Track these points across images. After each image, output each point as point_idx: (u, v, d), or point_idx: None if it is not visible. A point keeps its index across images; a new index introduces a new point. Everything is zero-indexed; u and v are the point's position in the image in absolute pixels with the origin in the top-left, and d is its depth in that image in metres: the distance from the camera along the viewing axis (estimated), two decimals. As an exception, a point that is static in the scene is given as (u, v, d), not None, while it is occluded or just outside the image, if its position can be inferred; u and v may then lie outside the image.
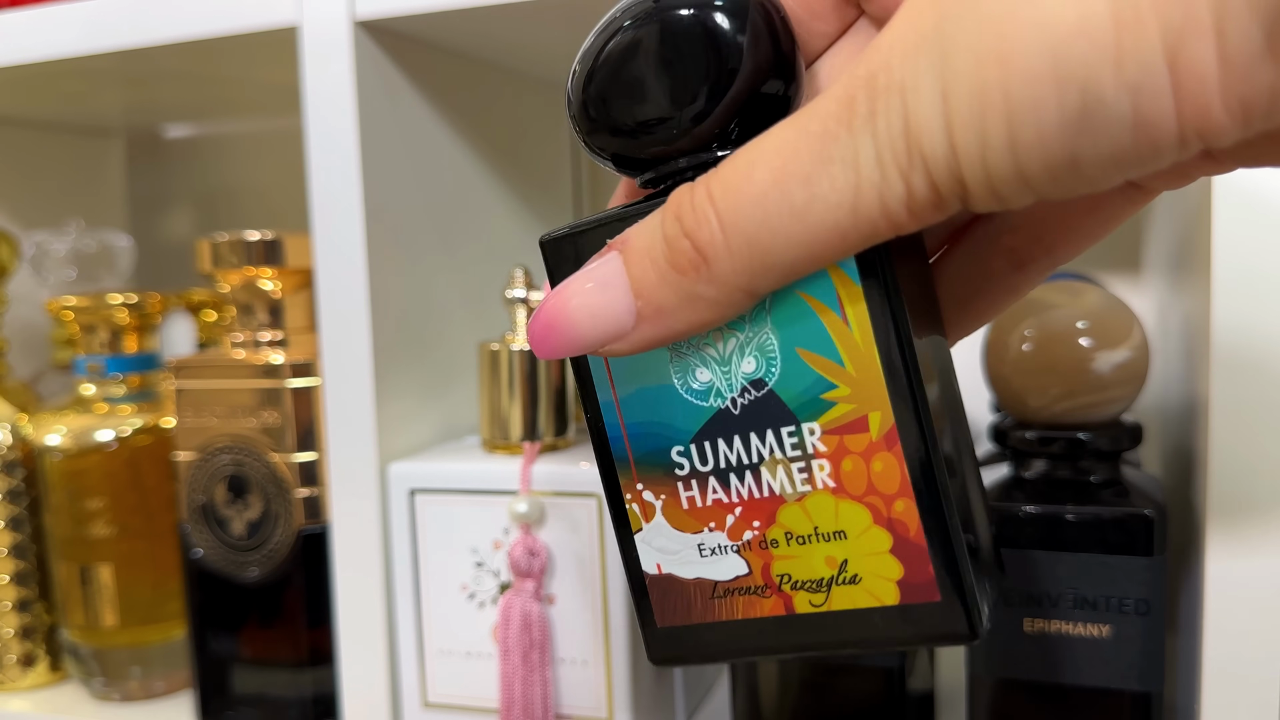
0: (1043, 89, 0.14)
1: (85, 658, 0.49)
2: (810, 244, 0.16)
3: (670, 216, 0.17)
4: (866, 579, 0.19)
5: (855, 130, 0.15)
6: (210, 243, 0.44)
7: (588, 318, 0.18)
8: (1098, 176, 0.15)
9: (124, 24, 0.42)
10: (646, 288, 0.18)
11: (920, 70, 0.15)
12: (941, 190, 0.15)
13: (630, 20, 0.18)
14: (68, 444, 0.48)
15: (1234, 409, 0.30)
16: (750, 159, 0.16)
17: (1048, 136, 0.14)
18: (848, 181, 0.15)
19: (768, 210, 0.16)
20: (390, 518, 0.40)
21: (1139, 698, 0.33)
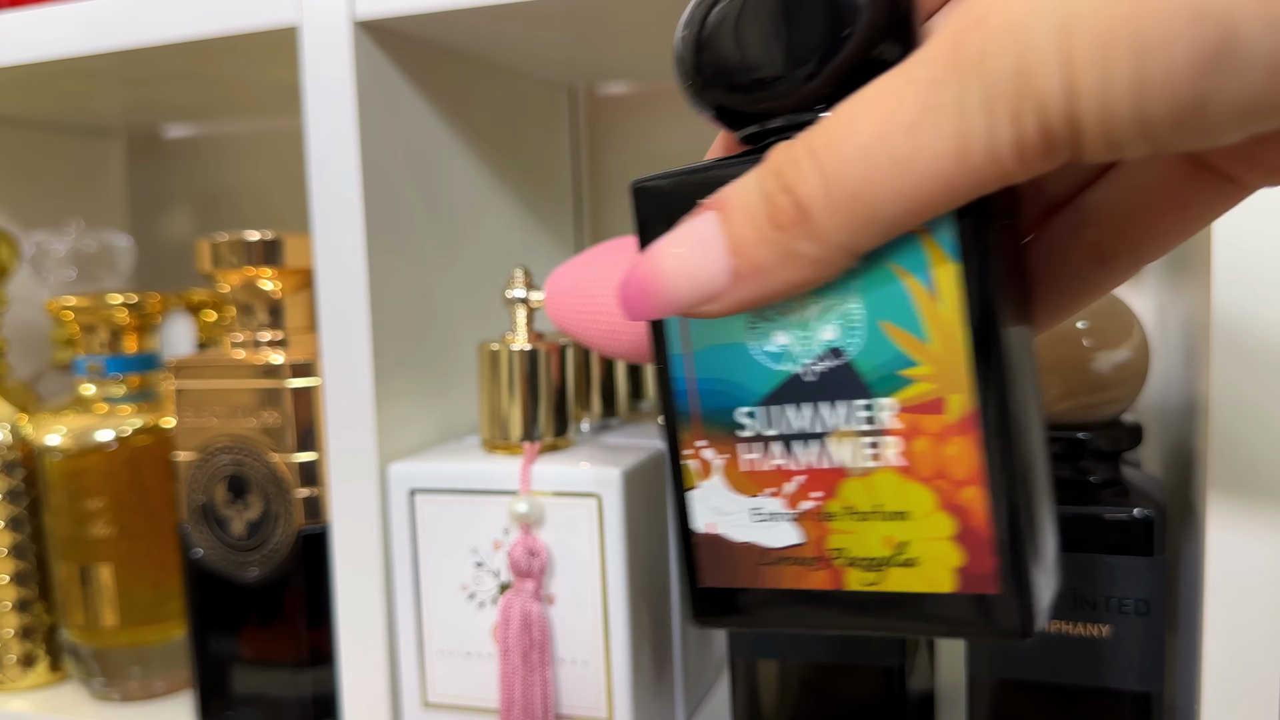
0: (1177, 23, 0.13)
1: (85, 658, 0.49)
2: (915, 195, 0.15)
3: (770, 173, 0.17)
4: (924, 563, 0.19)
5: (964, 73, 0.14)
6: (210, 243, 0.44)
7: (682, 278, 0.17)
8: (1223, 125, 0.14)
9: (124, 24, 0.42)
10: (744, 245, 0.17)
11: (1039, 5, 0.14)
12: (1054, 134, 0.14)
13: None
14: (68, 444, 0.48)
15: (1234, 409, 0.30)
16: (854, 111, 0.16)
17: (1177, 76, 0.13)
18: (954, 128, 0.15)
19: (870, 162, 0.15)
20: (390, 518, 0.40)
21: (1139, 698, 0.33)
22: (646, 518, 0.40)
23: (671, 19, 0.44)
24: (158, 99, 0.57)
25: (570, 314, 0.37)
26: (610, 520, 0.37)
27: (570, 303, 0.36)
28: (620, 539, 0.37)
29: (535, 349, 0.40)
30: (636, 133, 0.59)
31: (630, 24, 0.43)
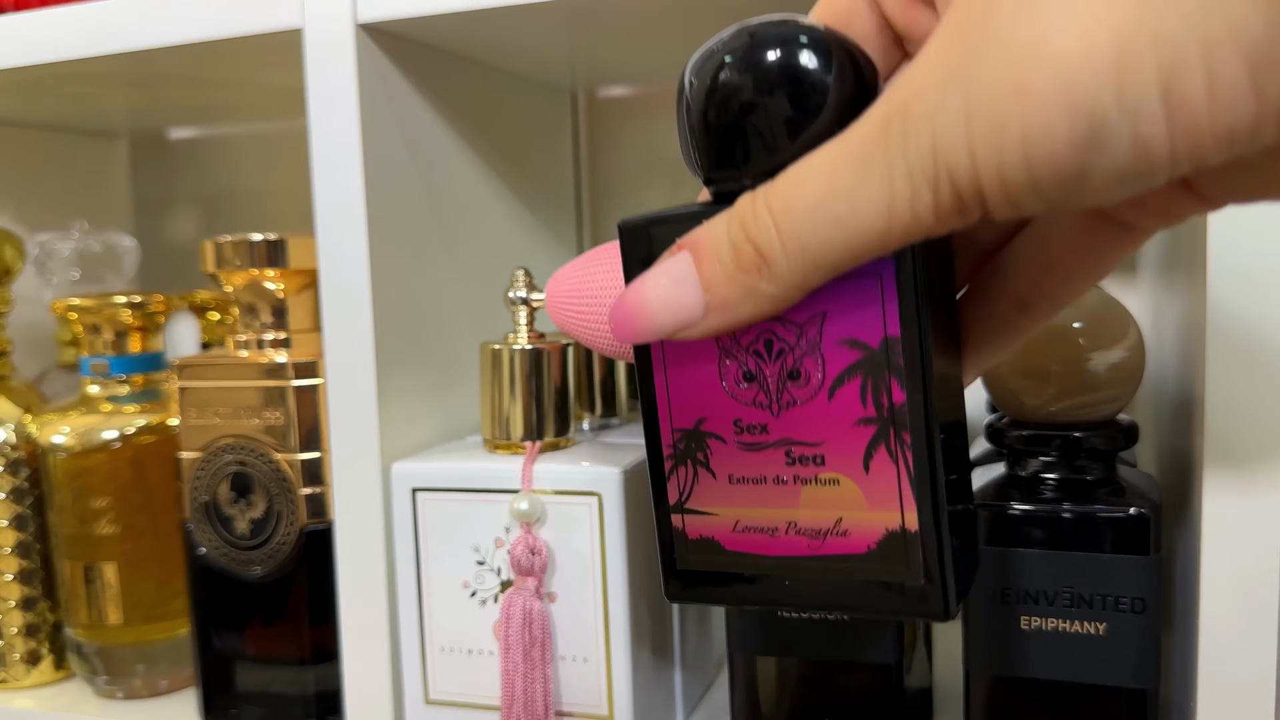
0: (1055, 114, 0.16)
1: (89, 655, 0.50)
2: (852, 246, 0.19)
3: (736, 223, 0.20)
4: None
5: (889, 151, 0.18)
6: (214, 244, 0.45)
7: (663, 308, 0.21)
8: (1102, 189, 0.17)
9: (129, 27, 0.42)
10: (714, 284, 0.20)
11: (947, 99, 0.17)
12: (965, 199, 0.17)
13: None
14: (72, 443, 0.48)
15: (1229, 407, 0.31)
16: (802, 175, 0.19)
17: (1059, 154, 0.16)
18: (882, 194, 0.18)
19: (816, 220, 0.19)
20: (393, 516, 0.41)
21: (1135, 695, 0.33)
22: (646, 516, 0.40)
23: (671, 22, 0.44)
24: (162, 101, 0.57)
25: (571, 314, 0.37)
26: (610, 519, 0.38)
27: (571, 303, 0.37)
28: (620, 537, 0.38)
29: (537, 349, 0.40)
30: (636, 135, 0.59)
31: (630, 27, 0.44)
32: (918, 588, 0.22)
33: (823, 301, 0.22)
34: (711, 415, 0.23)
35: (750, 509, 0.23)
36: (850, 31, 0.23)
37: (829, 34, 0.21)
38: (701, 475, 0.24)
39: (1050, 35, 0.16)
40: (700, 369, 0.23)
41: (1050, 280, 0.23)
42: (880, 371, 0.21)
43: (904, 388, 0.21)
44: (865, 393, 0.22)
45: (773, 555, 0.23)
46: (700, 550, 0.24)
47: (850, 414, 0.22)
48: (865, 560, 0.22)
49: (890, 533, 0.22)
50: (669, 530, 0.24)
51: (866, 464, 0.22)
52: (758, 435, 0.23)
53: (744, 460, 0.23)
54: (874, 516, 0.22)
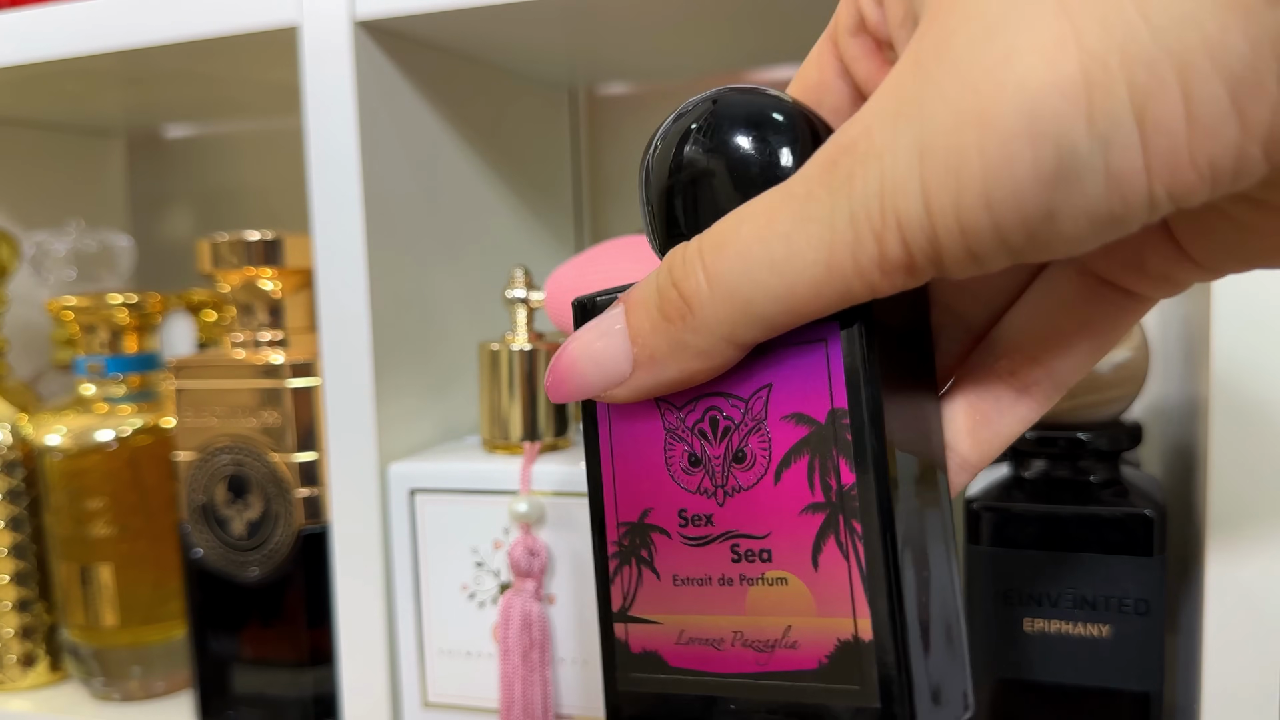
0: (1018, 145, 0.14)
1: (85, 657, 0.49)
2: (788, 298, 0.17)
3: (665, 270, 0.19)
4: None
5: (833, 191, 0.16)
6: (210, 243, 0.44)
7: (591, 363, 0.20)
8: (1073, 233, 0.15)
9: (124, 24, 0.42)
10: (641, 335, 0.19)
11: (898, 135, 0.15)
12: (914, 251, 0.16)
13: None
14: (68, 444, 0.48)
15: (1234, 409, 0.30)
16: (739, 218, 0.18)
17: (1023, 191, 0.14)
18: (822, 239, 0.16)
19: (749, 264, 0.17)
20: (390, 518, 0.40)
21: (1138, 698, 0.33)
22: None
23: (671, 20, 0.44)
24: (158, 99, 0.57)
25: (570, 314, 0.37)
26: (610, 520, 0.37)
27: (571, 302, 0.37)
28: (620, 539, 0.37)
29: (535, 349, 0.40)
30: (636, 133, 0.59)
31: (630, 24, 0.43)
32: (873, 711, 0.18)
33: (768, 373, 0.19)
34: (657, 505, 0.21)
35: (695, 616, 0.21)
36: (825, 104, 0.21)
37: (795, 106, 0.19)
38: (645, 576, 0.21)
39: (1012, 58, 0.14)
40: (647, 454, 0.21)
41: (1050, 354, 0.21)
42: (828, 449, 0.19)
43: (853, 467, 0.18)
44: (813, 474, 0.19)
45: (718, 673, 0.20)
46: (643, 667, 0.21)
47: (797, 500, 0.19)
48: (815, 678, 0.19)
49: (841, 643, 0.19)
50: (612, 643, 0.22)
51: (815, 559, 0.19)
52: (702, 527, 0.20)
53: (688, 557, 0.20)
54: (824, 624, 0.19)
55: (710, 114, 0.20)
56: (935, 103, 0.15)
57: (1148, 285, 0.20)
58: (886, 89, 0.16)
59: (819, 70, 0.21)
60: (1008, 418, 0.21)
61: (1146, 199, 0.14)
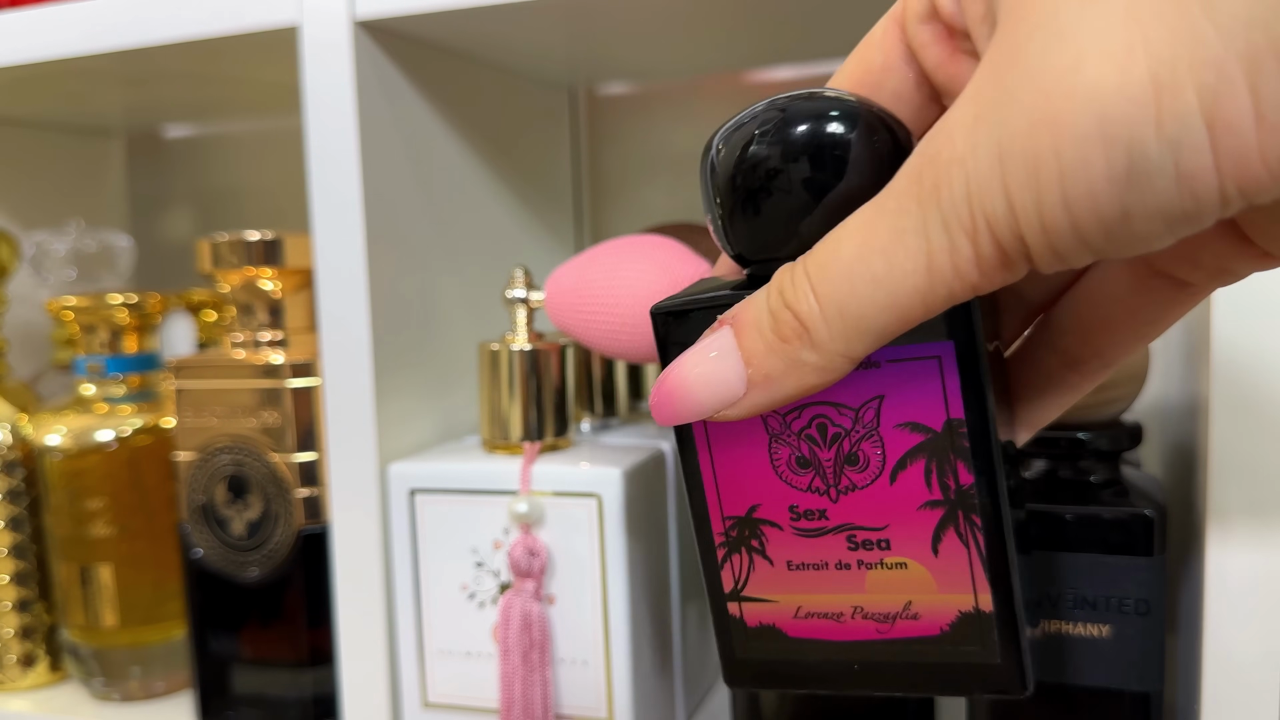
0: (1091, 147, 0.15)
1: (85, 658, 0.49)
2: (895, 307, 0.18)
3: (774, 292, 0.19)
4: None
5: (923, 202, 0.17)
6: (210, 243, 0.44)
7: (704, 385, 0.20)
8: (1148, 231, 0.16)
9: (124, 24, 0.42)
10: (756, 356, 0.19)
11: (979, 140, 0.16)
12: (1006, 249, 0.16)
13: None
14: (68, 444, 0.48)
15: (1234, 409, 0.30)
16: (839, 238, 0.18)
17: (1098, 192, 0.15)
18: (920, 249, 0.17)
19: (854, 281, 0.18)
20: (390, 518, 0.40)
21: (1138, 698, 0.33)
22: (646, 518, 0.40)
23: (671, 19, 0.44)
24: (158, 99, 0.57)
25: (570, 314, 0.37)
26: (610, 520, 0.37)
27: (571, 302, 0.37)
28: (620, 539, 0.37)
29: (535, 349, 0.40)
30: (636, 133, 0.59)
31: (630, 24, 0.43)
32: (993, 666, 0.22)
33: (878, 385, 0.21)
34: (765, 501, 0.22)
35: (812, 595, 0.23)
36: (886, 86, 0.22)
37: (862, 105, 0.20)
38: (758, 562, 0.23)
39: (1082, 64, 0.15)
40: (749, 454, 0.22)
41: (1100, 339, 0.22)
42: (945, 454, 0.21)
43: (971, 470, 0.21)
44: (930, 476, 0.21)
45: (839, 640, 0.23)
46: (762, 638, 0.23)
47: (915, 497, 0.21)
48: (938, 642, 0.22)
49: (963, 614, 0.21)
50: (726, 619, 0.24)
51: (935, 547, 0.21)
52: (816, 521, 0.22)
53: (802, 546, 0.22)
54: (946, 599, 0.22)
55: (780, 123, 0.20)
56: (1011, 108, 0.16)
57: (1202, 277, 0.20)
58: (966, 97, 0.17)
59: (883, 53, 0.22)
60: (1061, 389, 0.23)
61: (1218, 197, 0.15)
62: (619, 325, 0.35)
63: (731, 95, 0.56)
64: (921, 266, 0.17)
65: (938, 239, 0.17)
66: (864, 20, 0.43)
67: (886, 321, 0.18)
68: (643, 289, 0.35)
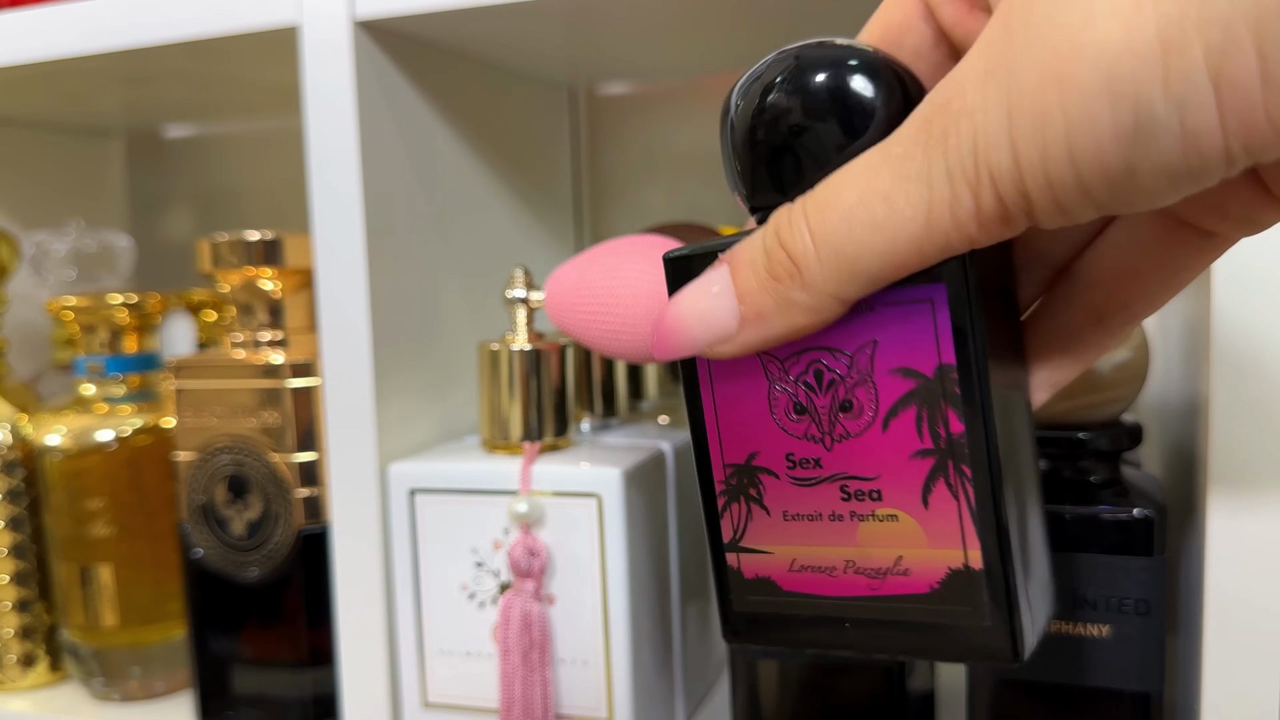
0: (1098, 104, 0.15)
1: (85, 658, 0.49)
2: (890, 254, 0.18)
3: (770, 231, 0.19)
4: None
5: (929, 150, 0.17)
6: (210, 243, 0.44)
7: (697, 320, 0.20)
8: (1153, 188, 0.16)
9: (124, 24, 0.42)
10: (748, 294, 0.20)
11: (988, 94, 0.16)
12: (1008, 203, 0.16)
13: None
14: (68, 444, 0.48)
15: (1234, 409, 0.30)
16: (840, 180, 0.18)
17: (1104, 148, 0.15)
18: (921, 196, 0.17)
19: (852, 224, 0.18)
20: (390, 518, 0.40)
21: (1139, 698, 0.33)
22: (646, 518, 0.40)
23: (671, 19, 0.44)
24: (158, 99, 0.57)
25: (570, 314, 0.37)
26: (610, 520, 0.37)
27: (571, 302, 0.36)
28: (620, 539, 0.37)
29: (535, 349, 0.40)
30: (636, 132, 0.59)
31: (630, 24, 0.43)
32: (984, 629, 0.21)
33: (872, 329, 0.21)
34: (763, 449, 0.22)
35: (806, 547, 0.22)
36: (906, 44, 0.22)
37: (877, 55, 0.20)
38: (755, 512, 0.23)
39: (1091, 21, 0.15)
40: (750, 401, 0.22)
41: (1127, 291, 0.22)
42: (936, 401, 0.20)
43: (961, 418, 0.20)
44: (921, 424, 0.21)
45: (831, 596, 0.22)
46: (757, 590, 0.23)
47: (906, 446, 0.21)
48: (927, 601, 0.21)
49: (953, 571, 0.21)
50: (724, 569, 0.24)
51: (925, 499, 0.21)
52: (811, 469, 0.22)
53: (798, 496, 0.22)
54: (935, 554, 0.21)
55: (794, 69, 0.20)
56: (1020, 63, 0.16)
57: (1228, 226, 0.20)
58: (977, 50, 0.17)
59: (902, 11, 0.22)
60: (1085, 345, 0.23)
61: (1223, 155, 0.15)
62: (619, 325, 0.35)
63: (731, 95, 0.56)
64: (921, 215, 0.17)
65: (940, 188, 0.17)
66: (864, 20, 0.43)
67: (880, 266, 0.18)
68: (643, 289, 0.35)
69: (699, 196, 0.57)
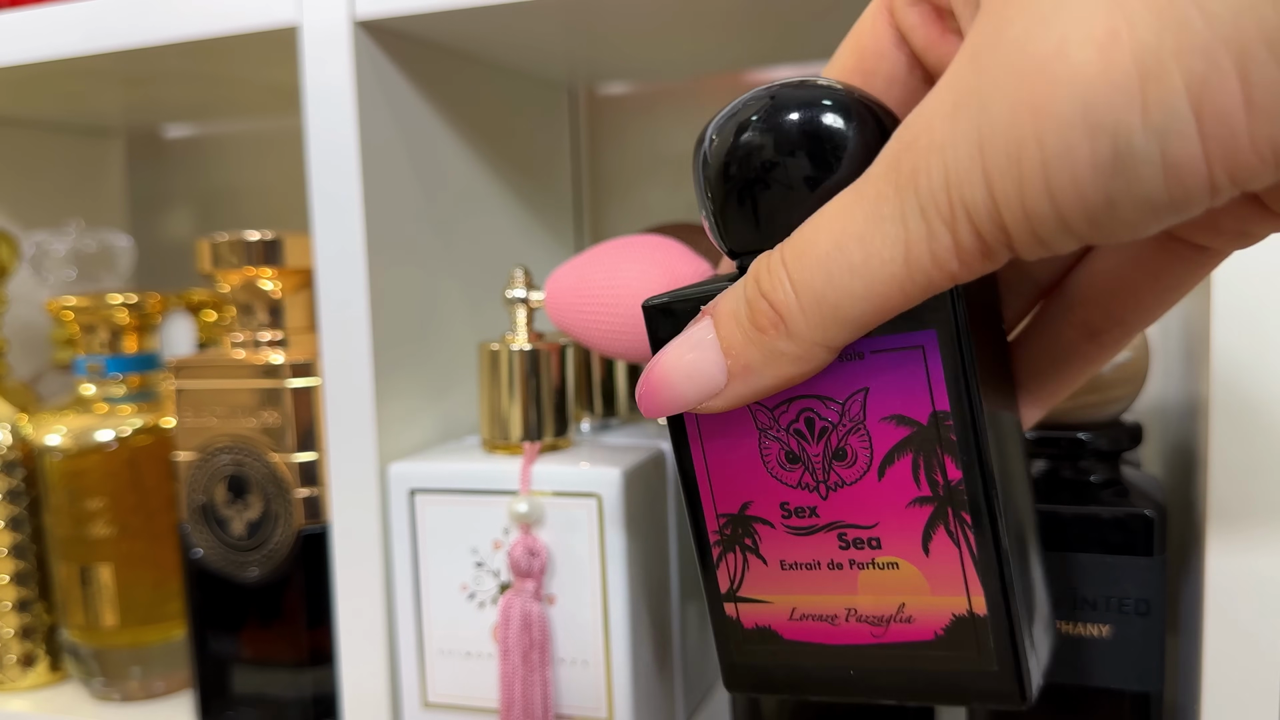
0: (1074, 135, 0.14)
1: (85, 658, 0.49)
2: (872, 297, 0.17)
3: (751, 281, 0.19)
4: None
5: (900, 189, 0.16)
6: (210, 243, 0.44)
7: (685, 377, 0.20)
8: (1134, 220, 0.15)
9: (124, 24, 0.42)
10: (734, 347, 0.19)
11: (958, 127, 0.16)
12: (986, 238, 0.16)
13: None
14: (68, 444, 0.48)
15: (1234, 409, 0.30)
16: (816, 225, 0.18)
17: (1082, 181, 0.15)
18: (897, 237, 0.17)
19: (830, 270, 0.17)
20: (390, 518, 0.40)
21: (1139, 698, 0.33)
22: (647, 518, 0.40)
23: (671, 19, 0.44)
24: (158, 99, 0.57)
25: (570, 314, 0.37)
26: (610, 520, 0.37)
27: (570, 302, 0.36)
28: (620, 539, 0.37)
29: (535, 349, 0.40)
30: (636, 132, 0.59)
31: (630, 24, 0.43)
32: (991, 674, 0.21)
33: (863, 377, 0.20)
34: (757, 499, 0.22)
35: (806, 596, 0.22)
36: (879, 73, 0.21)
37: (850, 93, 0.20)
38: (752, 562, 0.22)
39: (1065, 50, 0.14)
40: (740, 451, 0.22)
41: (1122, 306, 0.21)
42: (932, 448, 0.20)
43: (959, 465, 0.20)
44: (918, 471, 0.20)
45: (834, 644, 0.22)
46: (758, 640, 0.23)
47: (903, 494, 0.20)
48: (933, 648, 0.21)
49: (957, 618, 0.21)
50: (724, 620, 0.23)
51: (926, 546, 0.20)
52: (807, 518, 0.22)
53: (795, 545, 0.22)
54: (939, 601, 0.21)
55: (769, 110, 0.20)
56: (992, 94, 0.15)
57: (1222, 241, 0.20)
58: (945, 83, 0.16)
59: (874, 38, 0.22)
60: (1078, 361, 0.22)
61: (1207, 186, 0.14)
62: (619, 325, 0.35)
63: (731, 95, 0.56)
64: (899, 255, 0.17)
65: (915, 227, 0.16)
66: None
67: (864, 311, 0.17)
68: (643, 289, 0.35)
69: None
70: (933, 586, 0.21)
